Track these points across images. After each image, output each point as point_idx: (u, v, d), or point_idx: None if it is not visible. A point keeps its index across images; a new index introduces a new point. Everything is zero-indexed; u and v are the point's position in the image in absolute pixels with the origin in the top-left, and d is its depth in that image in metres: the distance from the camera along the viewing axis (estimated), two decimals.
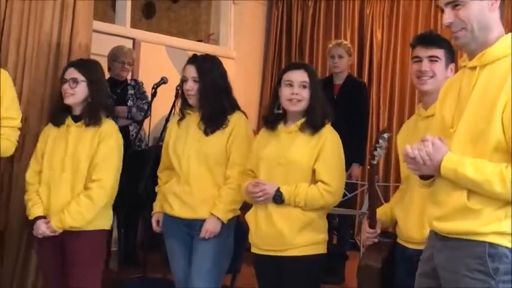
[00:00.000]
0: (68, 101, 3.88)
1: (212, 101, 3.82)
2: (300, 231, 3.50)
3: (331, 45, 6.24)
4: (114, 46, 6.18)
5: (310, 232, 3.51)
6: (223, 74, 3.92)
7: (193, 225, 3.82)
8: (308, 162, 3.51)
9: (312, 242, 3.52)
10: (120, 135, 4.00)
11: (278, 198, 3.50)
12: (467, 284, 2.42)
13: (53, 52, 4.52)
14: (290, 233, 3.49)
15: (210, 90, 3.82)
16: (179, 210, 3.86)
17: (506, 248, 2.37)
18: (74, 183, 3.84)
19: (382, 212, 3.39)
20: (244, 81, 7.63)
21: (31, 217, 3.82)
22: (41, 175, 3.89)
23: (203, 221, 3.78)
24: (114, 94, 5.90)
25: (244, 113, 3.94)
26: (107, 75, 6.00)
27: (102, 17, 7.81)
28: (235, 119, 3.85)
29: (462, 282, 2.43)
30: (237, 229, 3.93)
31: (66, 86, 3.86)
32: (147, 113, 5.70)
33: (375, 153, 3.15)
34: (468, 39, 2.49)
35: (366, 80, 7.51)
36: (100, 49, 5.86)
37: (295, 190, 3.47)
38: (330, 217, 3.82)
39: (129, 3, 7.21)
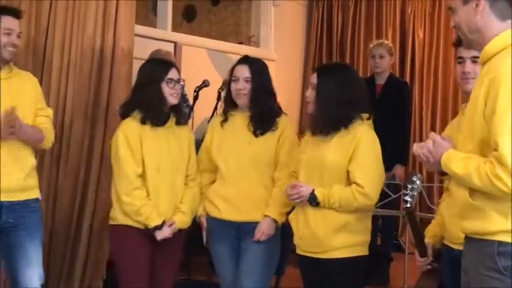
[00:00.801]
0: (176, 101, 3.90)
1: (263, 102, 3.85)
2: (336, 233, 3.47)
3: (372, 45, 6.21)
4: (152, 50, 6.22)
5: (347, 234, 3.48)
6: (270, 77, 3.95)
7: (242, 228, 3.82)
8: (342, 164, 3.48)
9: (349, 244, 3.49)
10: None
11: (312, 201, 3.49)
12: (489, 283, 2.45)
13: (96, 57, 4.58)
14: (325, 235, 3.48)
15: (261, 91, 3.84)
16: (227, 213, 3.85)
17: None
18: (179, 183, 3.90)
19: (431, 233, 3.35)
20: (285, 83, 7.62)
21: (155, 223, 3.75)
22: (144, 178, 3.81)
23: (252, 223, 3.79)
24: None
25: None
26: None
27: (143, 21, 7.85)
28: (284, 121, 3.89)
29: (484, 282, 2.47)
30: (281, 230, 3.92)
31: (177, 86, 3.88)
32: (189, 115, 5.73)
33: (407, 198, 3.06)
34: (467, 41, 2.62)
35: (407, 79, 7.45)
36: (142, 53, 5.89)
37: (329, 192, 3.46)
38: (373, 218, 3.79)
39: (170, 7, 7.25)
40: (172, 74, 3.87)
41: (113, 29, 4.63)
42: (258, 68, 3.90)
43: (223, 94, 4.15)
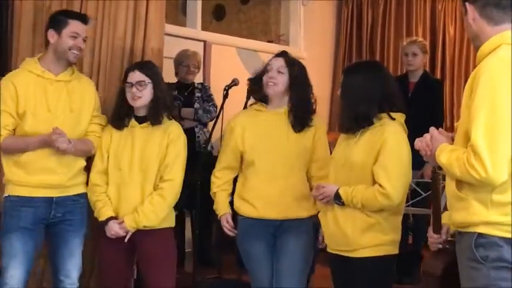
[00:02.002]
0: (137, 103, 3.93)
1: (300, 95, 3.88)
2: (364, 232, 3.46)
3: (405, 43, 6.17)
4: (179, 50, 6.27)
5: (376, 233, 3.46)
6: (307, 73, 4.00)
7: (282, 226, 3.84)
8: (368, 163, 3.46)
9: (377, 243, 3.47)
10: (185, 137, 4.08)
11: (337, 200, 3.49)
12: (467, 273, 2.63)
13: (127, 57, 4.59)
14: (353, 233, 3.47)
15: (298, 83, 3.89)
16: (266, 212, 3.85)
17: (497, 236, 2.53)
18: (144, 183, 3.92)
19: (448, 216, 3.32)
20: (315, 81, 7.54)
21: (102, 218, 3.88)
22: (107, 176, 3.94)
23: (293, 220, 3.82)
24: (181, 97, 5.99)
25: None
26: (175, 79, 6.10)
27: (173, 20, 7.89)
28: (317, 118, 3.93)
29: (464, 271, 2.66)
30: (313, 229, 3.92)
31: (134, 90, 3.91)
32: (217, 114, 5.76)
33: None
34: (475, 48, 2.78)
35: (438, 77, 7.40)
36: (172, 52, 5.93)
37: (352, 192, 3.45)
38: (405, 217, 3.76)
39: (199, 6, 7.28)
40: (131, 77, 3.94)
41: (143, 29, 4.64)
42: (294, 62, 3.94)
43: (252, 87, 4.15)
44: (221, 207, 4.02)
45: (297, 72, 3.89)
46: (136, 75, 3.94)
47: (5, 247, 3.83)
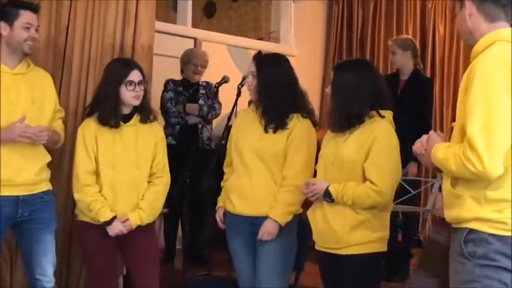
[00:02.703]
0: (137, 102, 3.93)
1: (269, 98, 3.83)
2: (353, 230, 3.47)
3: (391, 42, 6.19)
4: (187, 48, 6.26)
5: (365, 230, 3.47)
6: (286, 72, 3.90)
7: (256, 223, 3.83)
8: (358, 160, 3.47)
9: (366, 240, 3.48)
10: None
11: (327, 197, 3.50)
12: (454, 266, 2.67)
13: (117, 54, 4.59)
14: (343, 231, 3.47)
15: (267, 86, 3.83)
16: (241, 208, 3.88)
17: (487, 233, 2.55)
18: (140, 181, 3.95)
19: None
20: (306, 78, 7.55)
21: (104, 218, 3.84)
22: (96, 176, 3.90)
23: (265, 218, 3.80)
24: (186, 93, 5.99)
25: (312, 117, 3.92)
26: (180, 77, 6.10)
27: (163, 17, 7.88)
28: (296, 119, 3.84)
29: (452, 266, 2.69)
30: (300, 227, 3.92)
31: (138, 89, 3.91)
32: (219, 111, 5.84)
33: None
34: (465, 45, 2.89)
35: (428, 75, 7.40)
36: (162, 49, 5.92)
37: (342, 189, 3.45)
38: (394, 214, 3.78)
39: (190, 3, 7.27)
40: (133, 76, 3.91)
41: (133, 26, 4.64)
42: (266, 63, 3.88)
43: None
44: (220, 200, 4.07)
45: (264, 74, 3.85)
46: (137, 74, 3.93)
47: None
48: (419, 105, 5.87)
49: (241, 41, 7.72)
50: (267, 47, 7.60)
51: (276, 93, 3.81)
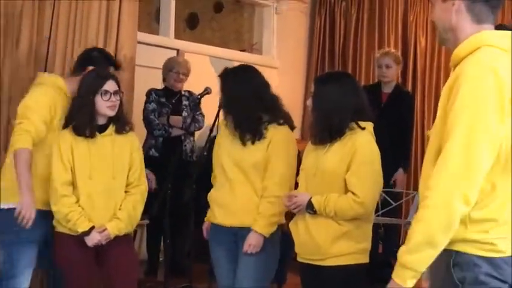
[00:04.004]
0: (113, 113, 3.92)
1: (236, 111, 3.85)
2: (336, 241, 3.47)
3: (378, 55, 6.22)
4: (169, 57, 6.24)
5: (347, 242, 3.48)
6: (248, 82, 3.88)
7: (238, 233, 3.83)
8: (340, 172, 3.48)
9: (349, 251, 3.48)
10: None
11: (309, 209, 3.50)
12: None
13: None
14: (325, 242, 3.48)
15: (230, 100, 3.86)
16: (222, 218, 3.88)
17: (475, 255, 2.33)
18: (117, 190, 3.94)
19: None
20: (288, 90, 7.61)
21: (82, 229, 3.83)
22: (72, 186, 3.88)
23: (248, 228, 3.79)
24: (169, 104, 5.97)
25: (290, 124, 3.91)
26: (162, 86, 6.08)
27: (146, 28, 7.88)
28: (273, 128, 3.83)
29: None
30: (282, 238, 3.92)
31: (114, 99, 3.89)
32: (202, 124, 5.82)
33: None
34: (441, 39, 2.56)
35: (410, 87, 7.47)
36: (144, 60, 5.92)
37: (325, 201, 3.46)
38: (375, 226, 3.79)
39: (172, 14, 7.27)
40: (108, 86, 3.89)
41: (115, 37, 4.65)
42: (226, 78, 3.91)
43: None
44: (208, 213, 4.06)
45: (226, 89, 3.88)
46: (112, 84, 3.92)
47: None
48: (403, 118, 5.94)
49: (224, 52, 7.72)
50: (250, 58, 7.61)
51: (240, 106, 3.82)
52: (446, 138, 2.29)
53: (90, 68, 4.01)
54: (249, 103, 3.81)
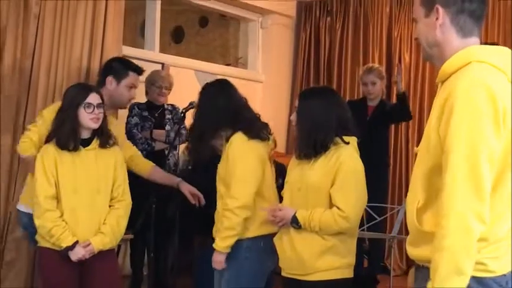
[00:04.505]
0: (96, 125, 3.90)
1: (198, 125, 3.89)
2: (321, 256, 3.47)
3: (362, 72, 6.24)
4: (152, 70, 6.23)
5: (332, 256, 3.48)
6: (216, 95, 3.90)
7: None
8: (324, 187, 3.48)
9: (334, 266, 3.48)
10: None
11: (294, 223, 3.50)
12: None
13: (83, 78, 4.59)
14: (310, 257, 3.48)
15: (199, 115, 3.91)
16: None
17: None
18: (101, 205, 3.93)
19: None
20: (273, 104, 7.64)
21: (66, 244, 3.81)
22: (56, 201, 3.86)
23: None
24: (152, 118, 5.95)
25: (251, 130, 3.80)
26: (144, 99, 6.06)
27: (131, 42, 7.87)
28: (230, 140, 3.78)
29: None
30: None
31: (97, 111, 3.88)
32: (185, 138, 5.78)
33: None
34: (426, 55, 2.50)
35: (394, 102, 7.48)
36: None
37: (310, 215, 3.46)
38: (360, 241, 3.79)
39: (158, 28, 7.27)
40: (91, 98, 3.88)
41: (100, 51, 4.64)
42: (200, 92, 3.98)
43: None
44: None
45: (200, 103, 3.94)
46: (96, 97, 3.90)
47: None
48: (388, 131, 5.99)
49: (209, 66, 7.73)
50: (235, 72, 7.62)
51: (203, 120, 3.86)
52: (446, 158, 2.22)
53: (110, 78, 4.16)
54: (210, 116, 3.84)
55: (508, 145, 2.24)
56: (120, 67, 4.22)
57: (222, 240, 3.71)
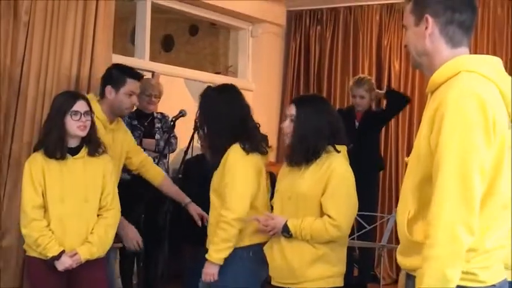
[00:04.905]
0: (84, 133, 3.88)
1: (204, 133, 3.88)
2: (311, 265, 3.47)
3: (352, 83, 6.27)
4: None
5: (323, 265, 3.48)
6: (218, 102, 3.84)
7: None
8: (315, 195, 3.49)
9: (325, 275, 3.49)
10: None
11: (285, 232, 3.48)
12: None
13: (73, 86, 4.56)
14: (301, 266, 3.48)
15: (202, 121, 3.87)
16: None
17: (460, 286, 2.20)
18: (89, 214, 3.90)
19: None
20: (263, 112, 7.62)
21: (52, 253, 3.78)
22: (43, 210, 3.83)
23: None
24: (141, 127, 5.93)
25: (246, 142, 3.76)
26: (134, 108, 6.03)
27: (121, 50, 7.86)
28: (228, 151, 3.76)
29: None
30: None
31: (84, 119, 3.86)
32: (175, 147, 5.77)
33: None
34: (414, 62, 2.49)
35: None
36: None
37: (301, 224, 3.45)
38: (350, 249, 3.79)
39: (148, 37, 7.26)
40: (78, 106, 3.85)
41: (89, 59, 4.62)
42: (201, 95, 3.91)
43: None
44: None
45: (200, 108, 3.88)
46: (83, 105, 3.88)
47: None
48: (377, 138, 6.02)
49: (199, 74, 7.72)
50: (225, 81, 7.56)
51: (209, 127, 3.84)
52: (437, 169, 2.21)
53: (109, 87, 4.17)
54: (210, 121, 3.81)
55: (498, 154, 2.24)
56: (118, 75, 4.21)
57: (217, 252, 3.67)
